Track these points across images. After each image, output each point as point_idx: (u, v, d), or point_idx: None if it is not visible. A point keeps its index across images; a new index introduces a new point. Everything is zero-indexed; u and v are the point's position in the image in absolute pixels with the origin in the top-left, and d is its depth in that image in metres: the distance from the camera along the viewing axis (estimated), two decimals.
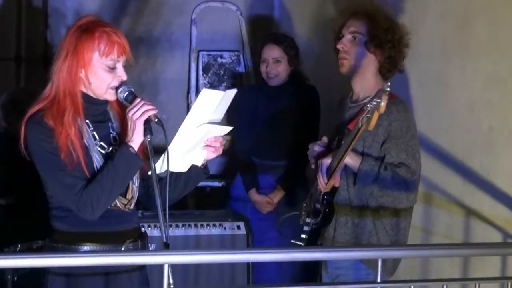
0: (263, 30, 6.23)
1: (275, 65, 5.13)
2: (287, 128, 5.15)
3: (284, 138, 5.16)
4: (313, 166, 3.90)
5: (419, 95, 4.30)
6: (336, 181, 3.72)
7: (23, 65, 6.24)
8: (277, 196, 5.13)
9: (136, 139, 3.12)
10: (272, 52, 5.15)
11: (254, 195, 5.16)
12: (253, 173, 5.21)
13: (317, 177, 3.75)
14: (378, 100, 3.34)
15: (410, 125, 3.76)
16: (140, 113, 3.09)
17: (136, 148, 3.12)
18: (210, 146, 3.22)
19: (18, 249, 4.25)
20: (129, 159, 3.11)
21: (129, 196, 3.22)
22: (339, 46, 3.86)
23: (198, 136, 3.15)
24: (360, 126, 3.45)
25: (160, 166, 3.14)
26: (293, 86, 5.18)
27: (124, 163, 3.11)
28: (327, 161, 3.71)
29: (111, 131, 3.26)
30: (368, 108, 3.40)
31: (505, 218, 3.80)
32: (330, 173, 3.69)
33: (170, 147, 3.11)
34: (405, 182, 3.67)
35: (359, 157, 3.68)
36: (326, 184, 3.71)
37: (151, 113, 3.10)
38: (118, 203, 3.19)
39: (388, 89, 3.33)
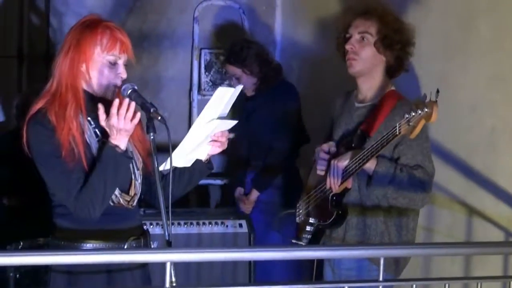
0: (266, 28, 6.22)
1: (237, 81, 5.16)
2: (263, 127, 5.16)
3: (262, 137, 5.16)
4: (319, 171, 3.85)
5: (421, 95, 4.29)
6: (348, 183, 3.71)
7: (25, 63, 6.23)
8: (251, 195, 5.15)
9: (121, 139, 3.08)
10: (230, 71, 5.23)
11: (236, 193, 5.25)
12: (241, 172, 5.28)
13: (328, 178, 3.73)
14: (427, 110, 3.33)
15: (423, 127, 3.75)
16: (122, 124, 3.04)
17: (123, 147, 3.10)
18: (216, 141, 3.23)
19: (20, 247, 4.24)
20: (115, 158, 3.08)
21: (132, 192, 3.21)
22: (348, 47, 3.82)
23: (207, 131, 3.18)
24: (398, 133, 3.44)
25: (165, 164, 3.14)
26: (267, 85, 5.18)
27: (111, 164, 3.08)
28: (343, 163, 3.68)
29: None
30: (411, 116, 3.38)
31: (508, 217, 3.80)
32: (347, 175, 3.67)
33: (182, 144, 3.13)
34: (422, 184, 3.65)
35: (374, 159, 3.64)
36: (339, 186, 3.69)
37: (136, 121, 3.06)
38: (122, 200, 3.18)
39: (437, 98, 3.33)
